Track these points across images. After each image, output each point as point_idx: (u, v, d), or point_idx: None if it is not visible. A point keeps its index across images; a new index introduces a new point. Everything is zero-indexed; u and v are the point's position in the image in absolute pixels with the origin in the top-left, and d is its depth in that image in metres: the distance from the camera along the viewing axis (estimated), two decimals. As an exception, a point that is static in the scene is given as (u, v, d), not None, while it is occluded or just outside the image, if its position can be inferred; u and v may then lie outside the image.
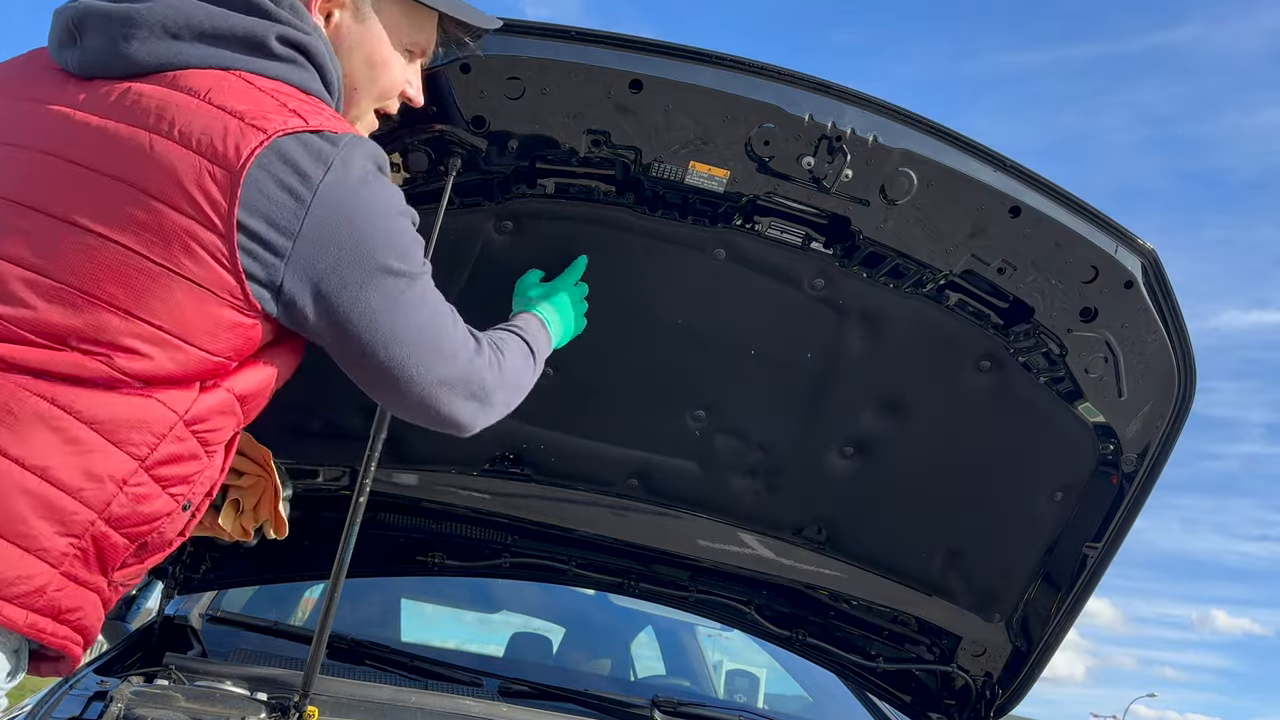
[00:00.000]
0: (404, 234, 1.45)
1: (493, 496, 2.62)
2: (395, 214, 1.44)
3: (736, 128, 1.84)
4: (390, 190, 1.45)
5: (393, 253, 1.42)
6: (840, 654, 2.92)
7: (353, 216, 1.37)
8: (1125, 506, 2.32)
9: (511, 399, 1.69)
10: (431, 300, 1.51)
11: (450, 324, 1.55)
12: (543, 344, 1.84)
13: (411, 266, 1.46)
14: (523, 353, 1.74)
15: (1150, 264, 2.00)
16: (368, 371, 1.48)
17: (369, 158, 1.41)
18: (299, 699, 1.80)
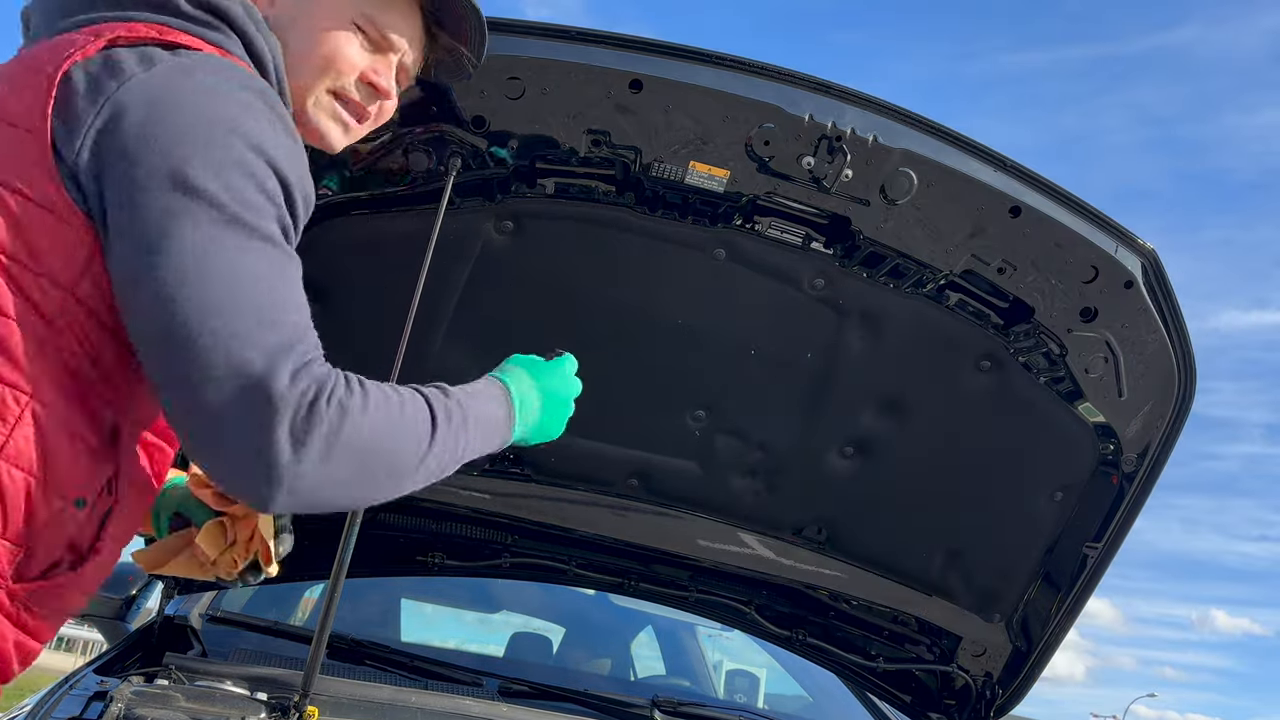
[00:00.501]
0: (233, 156, 1.15)
1: (493, 496, 2.62)
2: (237, 133, 1.15)
3: (736, 128, 1.84)
4: (243, 112, 1.18)
5: (203, 164, 1.12)
6: (840, 654, 2.92)
7: (167, 107, 1.14)
8: (1125, 506, 2.32)
9: (369, 464, 1.16)
10: (266, 265, 1.14)
11: (288, 305, 1.15)
12: (489, 417, 1.35)
13: (232, 201, 1.13)
14: (419, 408, 1.23)
15: (1150, 264, 2.00)
16: (141, 329, 1.14)
17: (229, 76, 1.20)
18: (299, 699, 1.80)
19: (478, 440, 1.32)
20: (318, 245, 1.84)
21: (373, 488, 1.20)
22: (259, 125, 1.19)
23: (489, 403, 1.37)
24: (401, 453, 1.20)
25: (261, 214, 1.16)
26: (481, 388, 1.37)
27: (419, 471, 1.23)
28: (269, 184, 1.17)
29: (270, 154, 1.18)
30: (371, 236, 2.05)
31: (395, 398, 1.20)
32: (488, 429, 1.35)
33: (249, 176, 1.15)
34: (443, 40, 1.57)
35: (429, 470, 1.25)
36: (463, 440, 1.29)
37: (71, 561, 1.21)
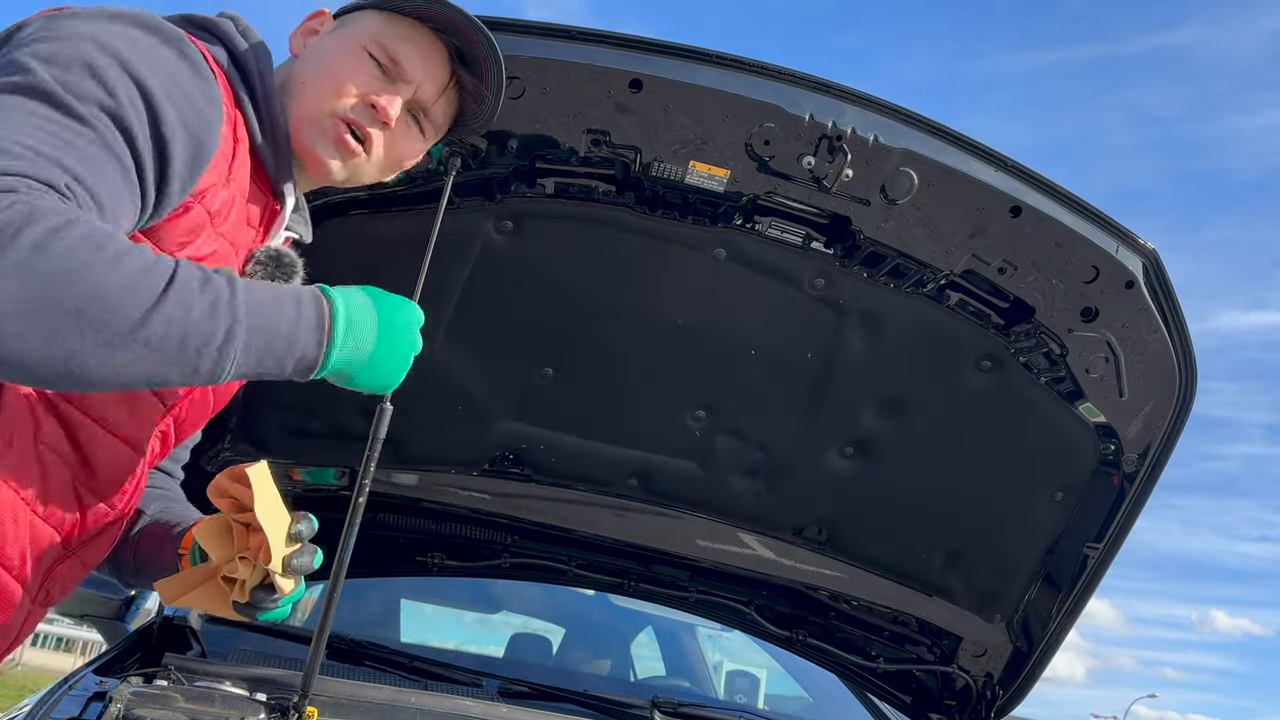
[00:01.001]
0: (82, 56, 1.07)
1: (493, 496, 2.62)
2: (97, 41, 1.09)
3: (737, 127, 1.84)
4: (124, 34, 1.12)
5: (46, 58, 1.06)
6: (840, 654, 2.92)
7: (54, 23, 1.11)
8: (1126, 507, 2.32)
9: (52, 294, 0.93)
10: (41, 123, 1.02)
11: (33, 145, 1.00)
12: (280, 314, 1.11)
13: (52, 81, 1.04)
14: (160, 261, 1.02)
15: (1151, 264, 2.00)
16: None
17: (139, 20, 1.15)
18: (298, 699, 1.79)
19: (259, 334, 1.07)
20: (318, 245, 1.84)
21: (60, 333, 0.94)
22: (138, 48, 1.11)
23: (287, 302, 1.12)
24: (105, 296, 0.95)
25: (81, 98, 1.04)
26: (289, 288, 1.17)
27: (140, 334, 0.97)
28: (114, 83, 1.07)
29: (132, 66, 1.09)
30: (371, 236, 2.05)
31: (122, 242, 0.99)
32: (273, 327, 1.09)
33: (86, 69, 1.06)
34: (468, 84, 1.53)
35: (161, 341, 0.99)
36: (225, 320, 1.04)
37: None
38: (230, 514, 1.37)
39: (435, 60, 1.47)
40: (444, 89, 1.50)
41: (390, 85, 1.43)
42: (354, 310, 1.19)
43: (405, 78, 1.44)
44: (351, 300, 1.20)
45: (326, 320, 1.16)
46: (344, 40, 1.44)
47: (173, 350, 1.01)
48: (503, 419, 2.40)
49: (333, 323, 1.16)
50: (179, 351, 1.01)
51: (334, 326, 1.16)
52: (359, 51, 1.41)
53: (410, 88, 1.45)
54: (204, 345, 1.03)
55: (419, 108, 1.48)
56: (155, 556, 1.57)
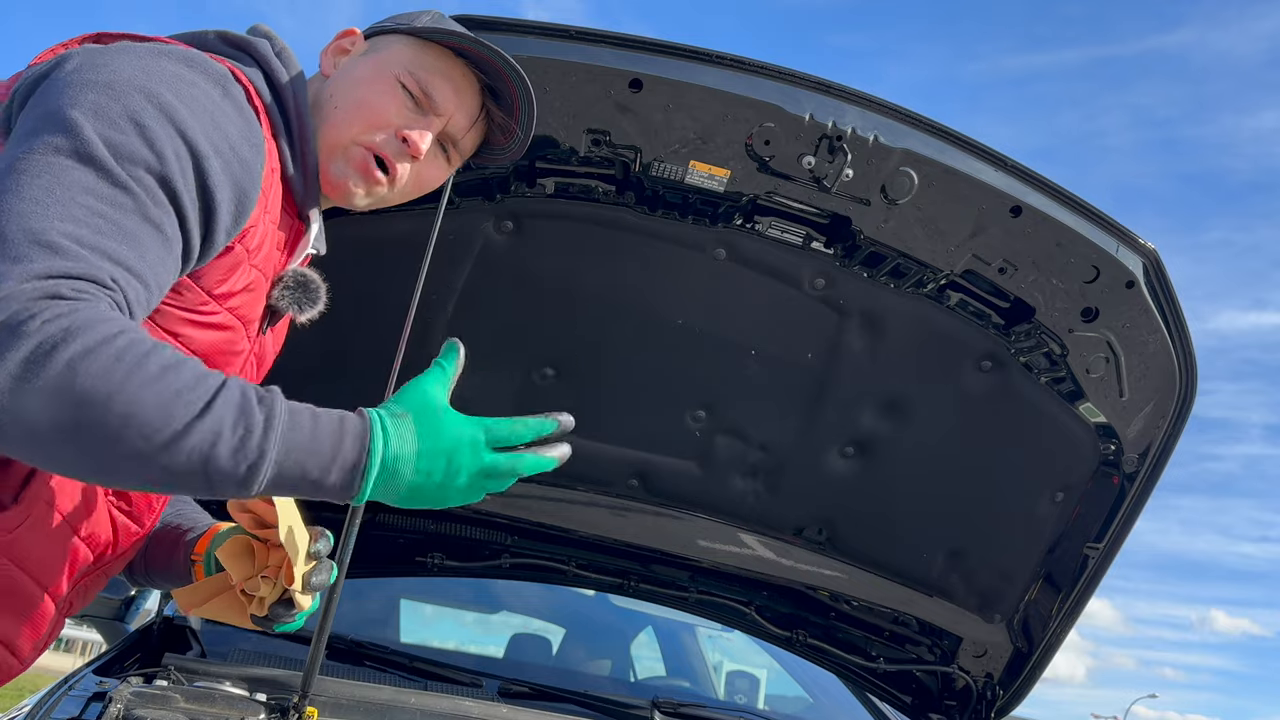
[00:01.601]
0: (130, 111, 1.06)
1: (492, 497, 2.61)
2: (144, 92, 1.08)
3: (737, 127, 1.84)
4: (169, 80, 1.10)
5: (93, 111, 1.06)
6: (841, 655, 2.92)
7: (95, 66, 1.10)
8: (1126, 507, 2.31)
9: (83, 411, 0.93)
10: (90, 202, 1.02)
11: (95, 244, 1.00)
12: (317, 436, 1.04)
13: (100, 144, 1.04)
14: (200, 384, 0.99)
15: (1151, 264, 2.00)
16: None
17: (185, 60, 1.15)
18: (298, 699, 1.79)
19: (284, 468, 1.03)
20: (317, 245, 1.83)
21: (79, 449, 0.96)
22: (183, 96, 1.11)
23: (324, 442, 1.05)
24: (132, 420, 0.95)
25: (128, 161, 1.05)
26: (328, 415, 1.07)
27: (162, 458, 0.97)
28: (161, 142, 1.07)
29: (179, 118, 1.09)
30: (371, 236, 2.05)
31: (162, 361, 0.98)
32: (305, 463, 1.04)
33: (134, 126, 1.06)
34: (497, 117, 1.52)
35: (184, 466, 0.97)
36: (250, 457, 1.00)
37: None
38: (251, 529, 1.39)
39: (467, 93, 1.46)
40: (474, 121, 1.50)
41: (422, 117, 1.42)
42: (391, 461, 1.09)
43: (437, 111, 1.44)
44: (397, 448, 1.10)
45: (359, 474, 1.08)
46: (377, 67, 1.42)
47: (194, 475, 0.99)
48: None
49: (365, 475, 1.08)
50: (200, 477, 1.00)
51: (366, 478, 1.08)
52: (391, 81, 1.40)
53: (442, 120, 1.45)
54: (227, 478, 1.01)
55: (449, 139, 1.48)
56: (168, 560, 1.58)
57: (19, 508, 1.15)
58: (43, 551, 1.20)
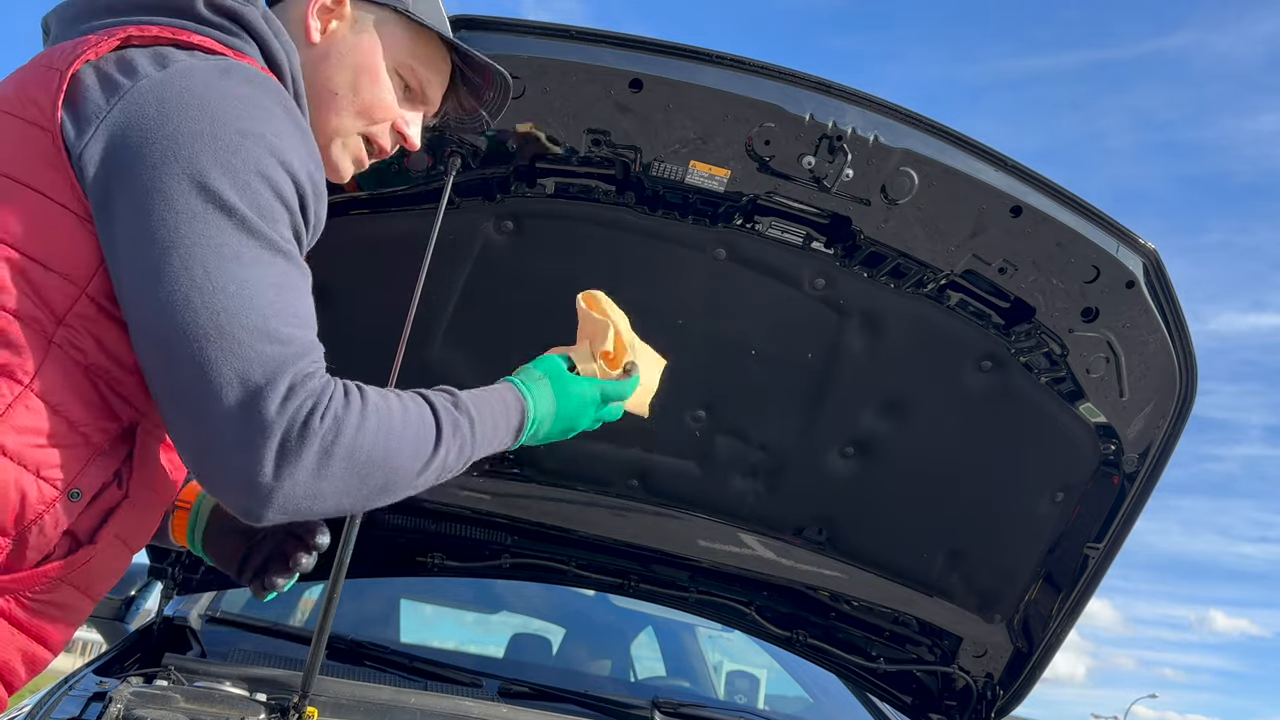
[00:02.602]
0: (251, 161, 1.12)
1: (493, 497, 2.61)
2: (253, 137, 1.13)
3: (737, 127, 1.84)
4: (260, 116, 1.16)
5: (221, 169, 1.10)
6: (841, 655, 2.92)
7: (179, 106, 1.12)
8: (1127, 507, 2.31)
9: (364, 477, 1.14)
10: (277, 276, 1.12)
11: (294, 318, 1.13)
12: (497, 431, 1.34)
13: (249, 209, 1.11)
14: (412, 431, 1.19)
15: (1152, 264, 1.99)
16: (142, 334, 1.12)
17: (246, 79, 1.18)
18: (298, 699, 1.79)
19: (481, 450, 1.32)
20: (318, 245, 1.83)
21: (367, 499, 1.18)
22: (277, 130, 1.17)
23: (501, 418, 1.35)
24: (400, 466, 1.18)
25: (276, 222, 1.14)
26: (497, 401, 1.35)
27: (418, 480, 1.23)
28: (286, 191, 1.16)
29: (288, 159, 1.16)
30: (371, 236, 2.05)
31: (398, 409, 1.19)
32: (492, 441, 1.34)
33: (265, 182, 1.13)
34: (463, 98, 1.56)
35: (428, 479, 1.24)
36: (467, 452, 1.29)
37: (65, 550, 1.19)
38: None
39: (447, 77, 1.52)
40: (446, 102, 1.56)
41: (413, 107, 1.48)
42: (542, 415, 1.42)
43: (428, 102, 1.49)
44: (543, 405, 1.42)
45: (524, 429, 1.40)
46: (376, 55, 1.42)
47: (433, 482, 1.25)
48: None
49: (528, 430, 1.41)
50: (436, 479, 1.26)
51: (526, 434, 1.41)
52: (390, 73, 1.43)
53: (429, 109, 1.51)
54: (453, 471, 1.28)
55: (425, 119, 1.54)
56: None
57: (93, 546, 1.21)
58: (105, 574, 1.27)
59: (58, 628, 1.24)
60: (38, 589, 1.19)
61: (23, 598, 1.18)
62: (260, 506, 1.09)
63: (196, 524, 1.61)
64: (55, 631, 1.24)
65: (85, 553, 1.21)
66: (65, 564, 1.19)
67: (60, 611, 1.23)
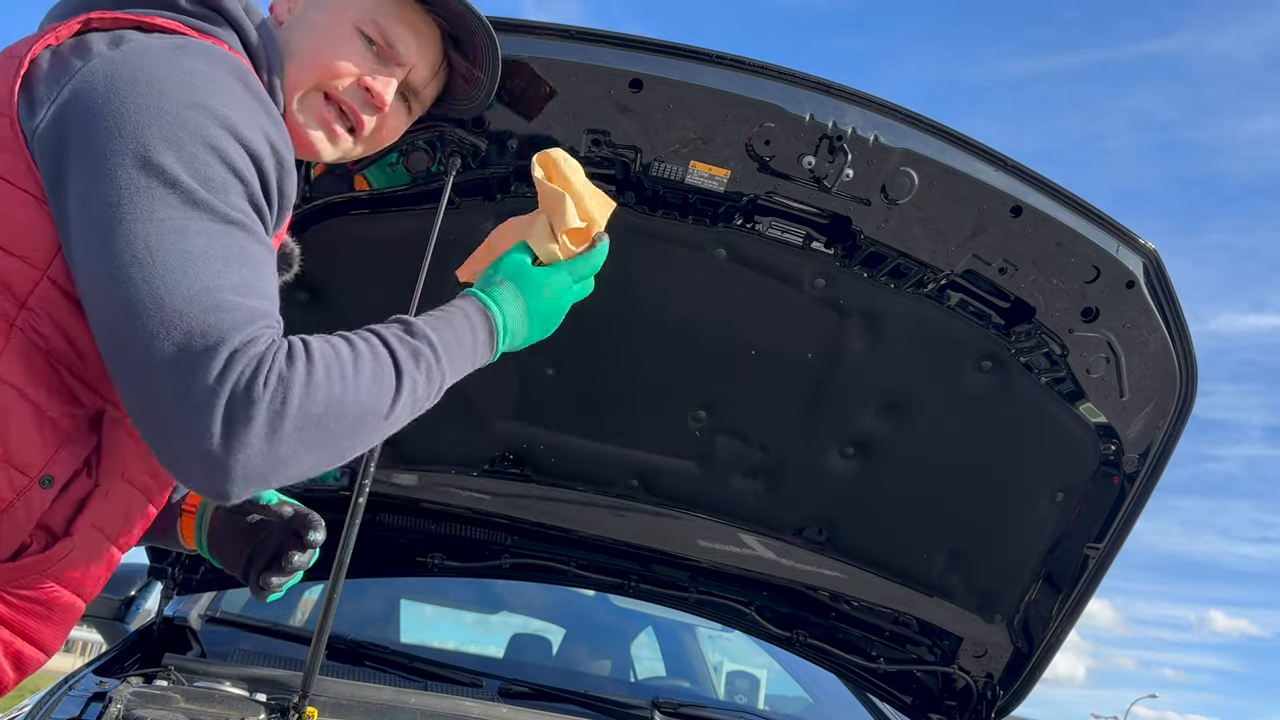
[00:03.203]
0: (198, 133, 1.10)
1: (493, 497, 2.61)
2: (202, 108, 1.11)
3: (737, 127, 1.84)
4: (212, 87, 1.13)
5: (165, 141, 1.08)
6: (841, 655, 2.92)
7: (128, 82, 1.10)
8: (1127, 507, 2.31)
9: (326, 432, 1.10)
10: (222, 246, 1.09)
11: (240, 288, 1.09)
12: (465, 347, 1.28)
13: (194, 180, 1.08)
14: (378, 357, 1.16)
15: (1152, 264, 1.99)
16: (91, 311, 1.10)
17: (204, 55, 1.15)
18: (298, 700, 1.79)
19: (453, 372, 1.26)
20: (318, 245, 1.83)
21: (339, 451, 1.14)
22: (229, 100, 1.14)
23: (467, 334, 1.28)
24: (364, 410, 1.13)
25: (227, 193, 1.11)
26: (459, 318, 1.28)
27: (389, 420, 1.17)
28: (237, 161, 1.13)
29: (240, 130, 1.13)
30: (371, 236, 2.05)
31: (347, 354, 1.13)
32: (464, 359, 1.28)
33: (213, 152, 1.11)
34: (460, 66, 1.52)
35: (401, 415, 1.19)
36: (437, 379, 1.23)
37: (42, 544, 1.19)
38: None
39: (429, 41, 1.45)
40: (436, 71, 1.49)
41: (384, 67, 1.41)
42: (512, 319, 1.35)
43: (399, 61, 1.42)
44: (510, 309, 1.35)
45: (496, 339, 1.33)
46: (335, 15, 1.38)
47: (408, 416, 1.21)
48: (503, 419, 2.40)
49: (501, 338, 1.34)
50: (411, 413, 1.21)
51: (500, 342, 1.34)
52: (350, 30, 1.38)
53: (404, 70, 1.44)
54: (426, 400, 1.23)
55: (410, 90, 1.47)
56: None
57: (69, 539, 1.20)
58: (86, 568, 1.26)
59: (47, 627, 1.23)
60: (19, 585, 1.18)
61: (6, 595, 1.18)
62: (221, 482, 1.05)
63: (202, 526, 1.61)
64: (45, 631, 1.23)
65: (62, 546, 1.20)
66: (43, 558, 1.19)
67: (48, 610, 1.23)
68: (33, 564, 1.18)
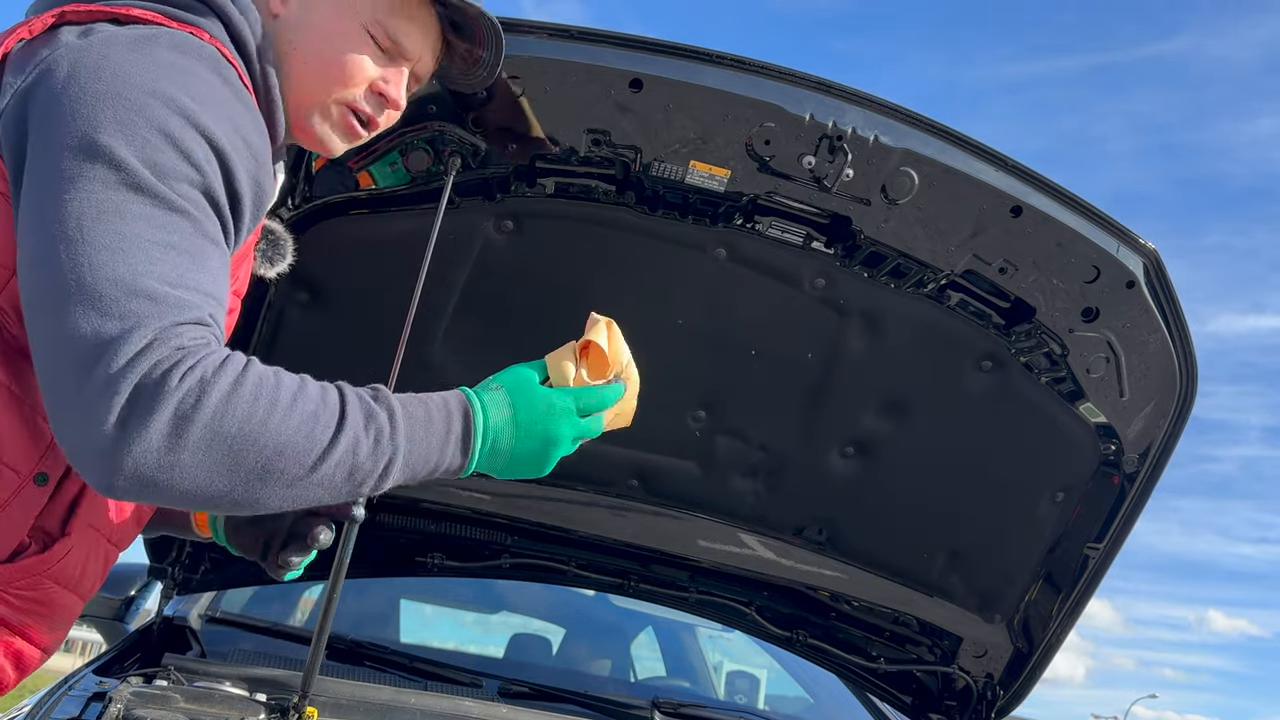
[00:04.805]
0: (153, 119, 1.06)
1: (493, 497, 2.61)
2: (159, 96, 1.07)
3: (737, 127, 1.84)
4: (174, 75, 1.10)
5: (116, 125, 1.04)
6: (841, 655, 2.92)
7: (90, 70, 1.07)
8: (1127, 507, 2.31)
9: (237, 457, 1.00)
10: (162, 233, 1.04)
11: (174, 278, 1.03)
12: (430, 439, 1.16)
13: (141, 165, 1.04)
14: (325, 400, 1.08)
15: (1152, 264, 1.99)
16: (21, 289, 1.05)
17: (174, 45, 1.12)
18: (298, 700, 1.79)
19: (411, 452, 1.14)
20: (318, 245, 1.83)
21: (244, 482, 1.02)
22: (192, 90, 1.10)
23: (440, 421, 1.18)
24: (285, 448, 1.02)
25: (177, 181, 1.06)
26: (435, 403, 1.19)
27: (315, 472, 1.05)
28: (193, 150, 1.08)
29: (201, 120, 1.09)
30: (371, 236, 2.05)
31: (291, 386, 1.06)
32: (428, 444, 1.16)
33: (166, 139, 1.06)
34: (459, 48, 1.52)
35: (330, 473, 1.06)
36: (385, 450, 1.10)
37: (40, 545, 1.18)
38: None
39: (430, 29, 1.45)
40: (438, 57, 1.50)
41: (392, 64, 1.41)
42: (497, 426, 1.24)
43: (406, 56, 1.42)
44: (495, 413, 1.24)
45: (473, 440, 1.21)
46: (340, 15, 1.36)
47: (340, 483, 1.08)
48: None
49: (478, 441, 1.22)
50: (345, 483, 1.09)
51: (477, 445, 1.22)
52: (360, 33, 1.36)
53: (410, 63, 1.44)
54: (367, 477, 1.10)
55: (414, 77, 1.48)
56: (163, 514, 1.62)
57: (66, 539, 1.20)
58: (85, 567, 1.26)
59: (47, 626, 1.24)
60: (19, 585, 1.18)
61: (7, 596, 1.18)
62: (108, 473, 0.97)
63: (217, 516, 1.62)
64: (44, 630, 1.24)
65: (61, 546, 1.20)
66: (41, 559, 1.18)
67: (48, 610, 1.23)
68: (32, 564, 1.18)
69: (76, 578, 1.25)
